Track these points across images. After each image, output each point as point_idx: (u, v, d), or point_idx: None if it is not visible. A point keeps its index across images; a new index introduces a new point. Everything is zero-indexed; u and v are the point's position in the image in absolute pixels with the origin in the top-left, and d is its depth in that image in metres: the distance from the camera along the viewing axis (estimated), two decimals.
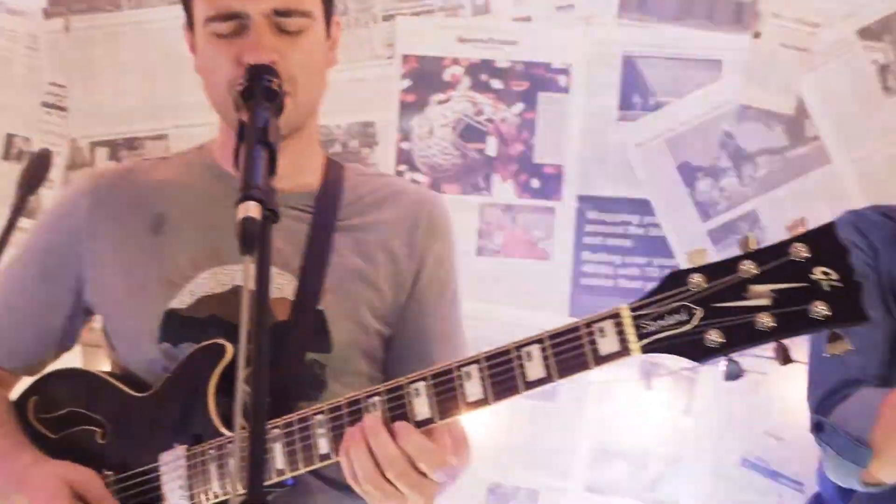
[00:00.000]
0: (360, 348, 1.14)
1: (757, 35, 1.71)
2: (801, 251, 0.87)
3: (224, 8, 1.03)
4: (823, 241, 0.88)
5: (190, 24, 1.10)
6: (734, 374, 0.91)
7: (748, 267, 0.88)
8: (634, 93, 1.72)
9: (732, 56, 1.71)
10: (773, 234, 1.71)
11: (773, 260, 0.88)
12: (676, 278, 0.90)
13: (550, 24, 1.72)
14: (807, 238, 0.88)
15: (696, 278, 0.90)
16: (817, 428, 1.19)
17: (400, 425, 0.95)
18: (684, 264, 1.77)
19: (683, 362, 0.93)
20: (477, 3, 1.73)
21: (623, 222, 1.73)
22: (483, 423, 1.64)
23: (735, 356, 0.90)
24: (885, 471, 1.11)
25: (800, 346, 1.01)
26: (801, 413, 1.63)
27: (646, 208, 1.73)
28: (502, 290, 1.73)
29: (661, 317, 0.90)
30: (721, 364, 0.92)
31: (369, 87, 1.75)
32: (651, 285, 1.76)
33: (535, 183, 1.73)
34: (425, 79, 1.74)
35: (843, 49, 1.71)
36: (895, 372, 1.19)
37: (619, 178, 1.73)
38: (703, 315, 0.89)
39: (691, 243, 1.71)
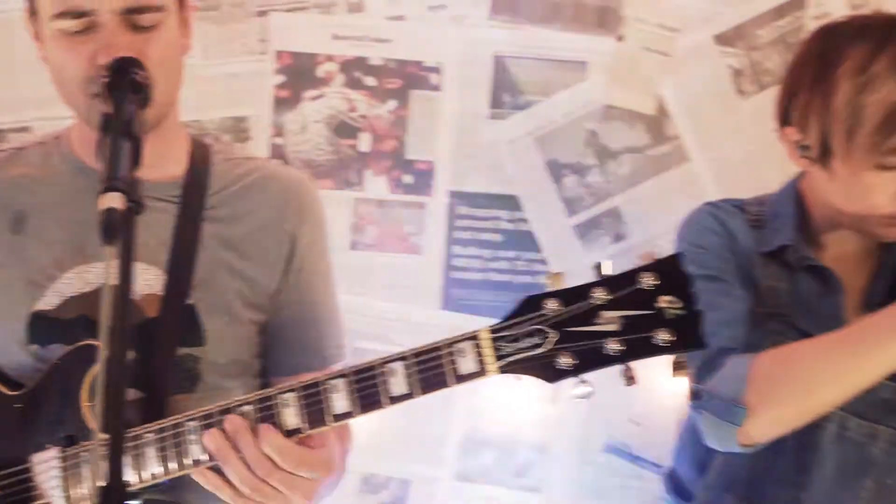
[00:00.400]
0: (235, 339, 1.14)
1: (620, 38, 1.76)
2: (648, 280, 0.93)
3: (73, 6, 1.01)
4: (669, 270, 0.94)
5: (33, 11, 1.06)
6: (584, 394, 0.97)
7: (600, 294, 0.93)
8: (504, 92, 1.75)
9: (597, 58, 1.76)
10: (634, 229, 1.80)
11: (622, 288, 0.93)
12: (533, 302, 0.95)
13: (423, 24, 1.73)
14: (654, 268, 0.94)
15: (552, 303, 0.94)
16: (695, 396, 1.26)
17: (261, 427, 0.96)
18: (552, 258, 1.85)
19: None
20: (351, 0, 1.74)
21: (493, 217, 1.77)
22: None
23: (586, 377, 0.95)
24: (758, 428, 1.20)
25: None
26: (660, 400, 1.72)
27: (515, 204, 1.77)
28: (375, 284, 1.75)
29: (517, 339, 0.95)
30: (573, 384, 0.97)
31: (242, 83, 1.74)
32: (519, 278, 1.83)
33: (408, 179, 1.75)
34: (299, 75, 1.74)
35: (701, 53, 1.78)
36: (750, 351, 1.26)
37: (489, 175, 1.76)
38: (557, 339, 0.94)
39: (558, 238, 1.78)
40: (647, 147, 1.79)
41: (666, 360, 1.09)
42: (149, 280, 1.10)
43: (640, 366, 0.98)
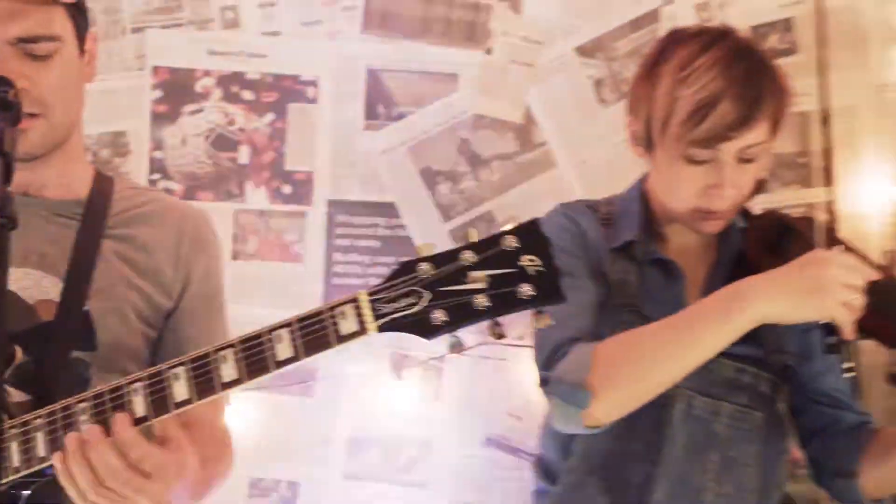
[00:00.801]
0: (125, 348, 1.19)
1: (489, 51, 1.83)
2: (511, 242, 0.99)
3: None
4: (529, 233, 1.00)
5: None
6: (455, 345, 1.03)
7: (468, 256, 0.99)
8: (379, 103, 1.80)
9: (467, 70, 1.83)
10: None
11: (488, 250, 0.99)
12: (408, 267, 1.00)
13: (298, 39, 1.78)
14: (516, 231, 1.00)
15: (424, 266, 0.99)
16: (544, 383, 1.33)
17: (116, 418, 1.00)
18: None
19: (424, 346, 1.04)
20: (227, 17, 1.78)
21: (371, 224, 1.82)
22: (243, 420, 1.69)
23: (458, 333, 1.01)
24: (601, 409, 1.26)
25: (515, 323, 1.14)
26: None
27: (392, 211, 1.82)
28: (258, 293, 1.78)
29: (394, 300, 0.99)
30: (447, 339, 1.02)
31: (121, 98, 1.77)
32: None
33: (287, 189, 1.79)
34: (177, 90, 1.77)
35: (564, 65, 1.87)
36: (604, 329, 1.35)
37: (366, 184, 1.81)
38: (431, 298, 0.98)
39: (435, 242, 1.82)
40: (516, 154, 1.86)
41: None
42: (46, 287, 1.15)
43: (507, 320, 1.03)
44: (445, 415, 1.81)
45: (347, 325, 1.00)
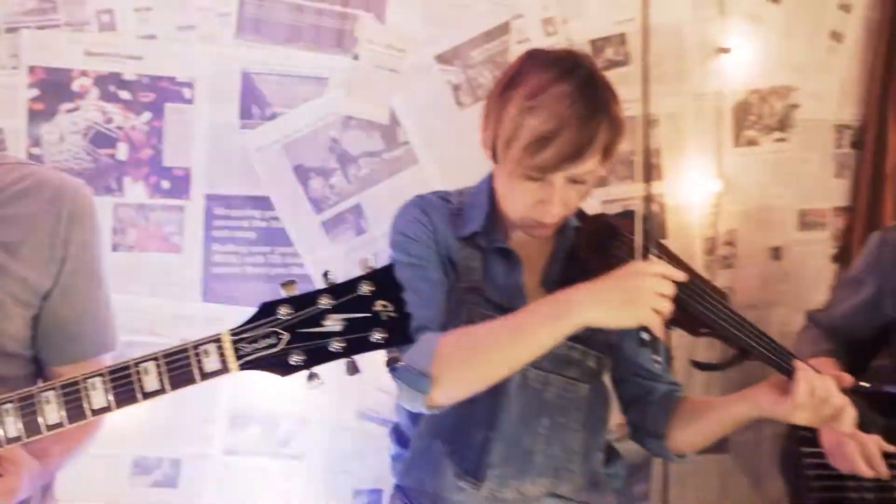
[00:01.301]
0: (3, 332, 1.20)
1: (356, 57, 1.93)
2: (366, 287, 1.07)
3: None
4: (385, 279, 1.08)
5: None
6: (315, 385, 1.12)
7: (325, 300, 1.06)
8: (253, 104, 1.87)
9: (336, 74, 1.91)
10: (374, 223, 1.97)
11: (345, 295, 1.07)
12: (268, 309, 1.07)
13: (173, 42, 1.83)
14: (371, 276, 1.08)
15: (284, 309, 1.06)
16: (392, 363, 1.36)
17: None
18: (303, 251, 2.00)
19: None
20: (103, 20, 1.81)
21: (247, 217, 1.89)
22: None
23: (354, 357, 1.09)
24: (440, 395, 1.34)
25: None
26: None
27: (267, 204, 1.89)
28: (139, 282, 1.83)
29: (255, 340, 1.07)
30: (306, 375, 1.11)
31: None
32: (274, 270, 1.97)
33: (166, 184, 1.84)
34: (54, 89, 1.79)
35: (425, 71, 1.98)
36: (451, 319, 1.42)
37: (242, 179, 1.88)
38: (289, 339, 1.06)
39: (308, 233, 1.94)
40: (383, 152, 1.96)
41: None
42: None
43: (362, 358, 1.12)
44: (320, 391, 1.90)
45: (211, 363, 1.07)
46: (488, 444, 1.49)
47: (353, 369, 1.11)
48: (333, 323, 1.06)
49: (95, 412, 1.07)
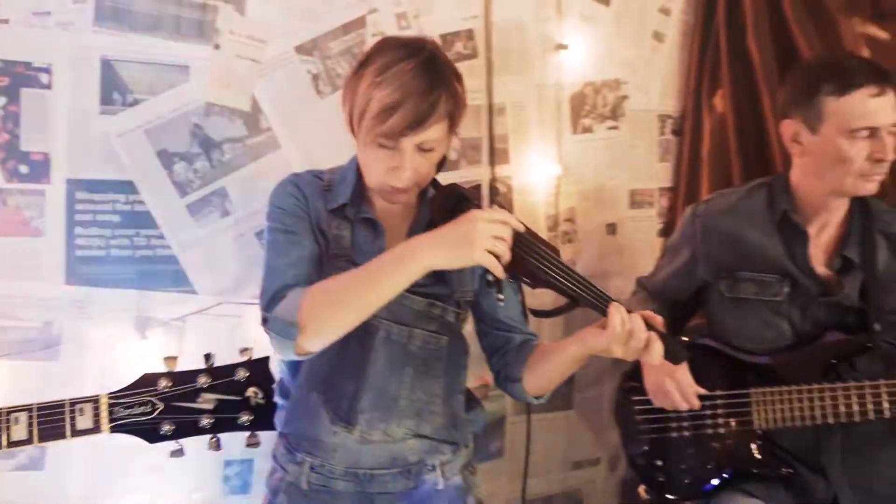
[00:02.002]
0: None
1: (217, 47, 1.95)
2: (241, 374, 1.18)
3: None
4: (259, 368, 1.20)
5: None
6: (177, 454, 1.20)
7: (203, 379, 1.17)
8: (114, 91, 1.87)
9: (198, 63, 1.94)
10: (238, 205, 2.01)
11: (221, 377, 1.17)
12: (149, 379, 1.16)
13: (29, 27, 1.80)
14: (248, 365, 1.19)
15: (164, 381, 1.16)
16: (264, 322, 1.50)
17: None
18: (168, 233, 2.01)
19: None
20: None
21: (111, 201, 1.89)
22: None
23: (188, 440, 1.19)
24: (307, 341, 1.45)
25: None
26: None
27: (131, 188, 1.90)
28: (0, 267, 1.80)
29: (131, 406, 1.14)
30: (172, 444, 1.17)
31: None
32: (140, 252, 1.97)
33: (24, 169, 1.81)
34: None
35: (285, 61, 2.04)
36: (326, 274, 1.51)
37: (105, 164, 1.87)
38: (163, 409, 1.14)
39: (173, 216, 1.96)
40: (245, 138, 2.00)
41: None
42: None
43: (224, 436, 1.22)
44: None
45: (84, 421, 1.13)
46: (358, 392, 1.61)
47: (216, 446, 1.20)
48: (206, 401, 1.16)
49: None
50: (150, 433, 1.15)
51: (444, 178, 1.67)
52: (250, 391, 1.20)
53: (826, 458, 1.99)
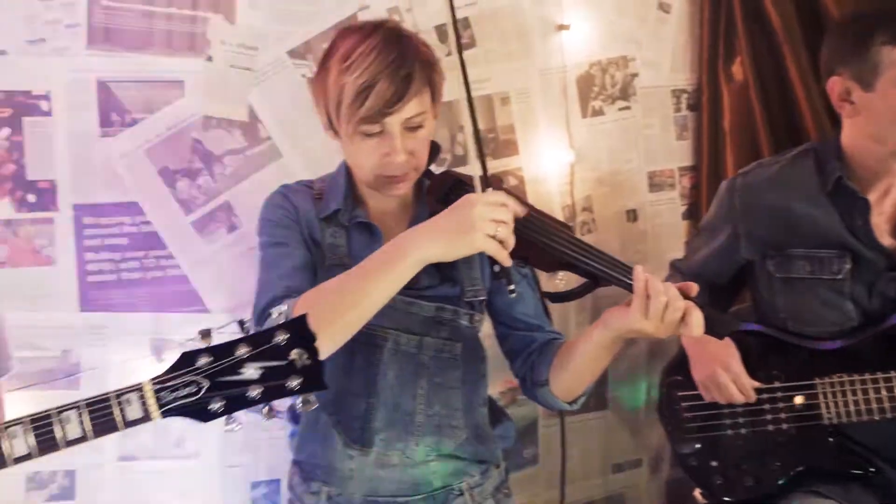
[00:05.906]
0: None
1: (210, 59, 2.27)
2: (281, 337, 1.23)
3: None
4: (298, 329, 1.24)
5: None
6: (234, 428, 1.33)
7: (243, 349, 1.22)
8: (112, 112, 2.19)
9: (192, 77, 2.25)
10: (245, 218, 2.31)
11: (262, 344, 1.22)
12: (188, 358, 1.23)
13: (26, 57, 2.13)
14: (286, 326, 1.23)
15: (204, 358, 1.23)
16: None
17: None
18: (177, 253, 2.33)
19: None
20: None
21: (118, 223, 2.21)
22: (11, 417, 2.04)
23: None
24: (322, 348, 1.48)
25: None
26: None
27: (137, 209, 2.22)
28: (14, 298, 2.11)
29: (176, 389, 1.23)
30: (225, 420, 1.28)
31: None
32: (150, 274, 2.29)
33: (32, 198, 2.15)
34: None
35: (279, 67, 2.34)
36: (306, 284, 1.62)
37: (109, 187, 2.19)
38: (209, 387, 1.22)
39: (180, 234, 2.28)
40: (246, 149, 2.31)
41: None
42: None
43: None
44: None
45: (133, 411, 1.24)
46: (370, 411, 1.73)
47: (271, 414, 1.30)
48: (251, 371, 1.23)
49: (17, 460, 1.24)
50: (202, 413, 1.26)
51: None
52: (293, 353, 1.26)
53: None
